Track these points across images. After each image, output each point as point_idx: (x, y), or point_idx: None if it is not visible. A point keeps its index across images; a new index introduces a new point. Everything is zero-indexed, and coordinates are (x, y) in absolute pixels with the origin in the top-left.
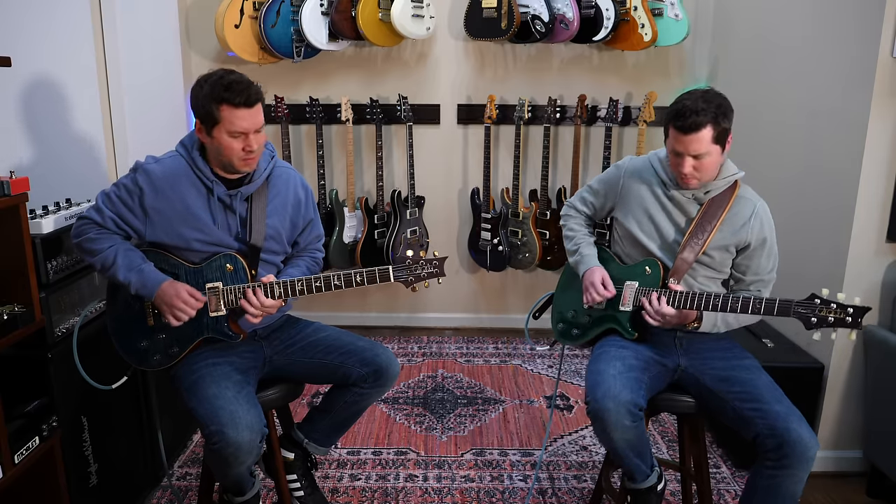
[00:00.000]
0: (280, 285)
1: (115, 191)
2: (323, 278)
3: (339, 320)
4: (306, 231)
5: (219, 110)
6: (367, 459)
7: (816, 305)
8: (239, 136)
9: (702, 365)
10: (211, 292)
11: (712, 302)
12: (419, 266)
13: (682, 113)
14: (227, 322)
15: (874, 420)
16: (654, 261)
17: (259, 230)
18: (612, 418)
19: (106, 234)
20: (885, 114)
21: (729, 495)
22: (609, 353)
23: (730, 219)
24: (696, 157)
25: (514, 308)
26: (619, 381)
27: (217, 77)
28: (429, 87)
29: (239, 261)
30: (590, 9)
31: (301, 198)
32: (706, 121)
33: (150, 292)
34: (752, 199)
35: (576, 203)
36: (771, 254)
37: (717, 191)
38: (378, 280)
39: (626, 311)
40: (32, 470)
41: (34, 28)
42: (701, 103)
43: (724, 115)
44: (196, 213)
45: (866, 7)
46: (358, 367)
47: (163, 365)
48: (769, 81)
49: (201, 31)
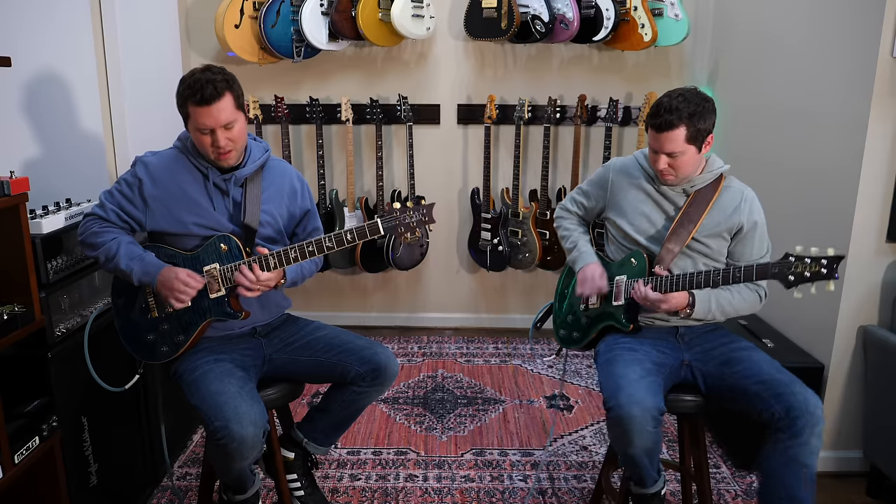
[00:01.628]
0: (274, 256)
1: (116, 186)
2: (315, 242)
3: (339, 320)
4: (304, 221)
5: (186, 107)
6: (367, 459)
7: (792, 263)
8: (206, 132)
9: (704, 355)
10: (209, 274)
11: (694, 280)
12: (407, 215)
13: (657, 111)
14: (227, 301)
15: (874, 420)
16: (638, 251)
17: (253, 212)
18: (637, 424)
19: (109, 227)
20: (885, 114)
21: (729, 495)
22: (623, 356)
23: (718, 206)
24: (670, 155)
25: (514, 308)
26: (642, 386)
27: (188, 75)
28: (429, 87)
29: (232, 240)
30: (590, 9)
31: (297, 188)
32: (679, 121)
33: (153, 278)
34: (739, 187)
35: (567, 205)
36: (763, 238)
37: (702, 184)
38: (368, 234)
39: (620, 304)
40: (32, 470)
41: (34, 28)
42: (677, 102)
43: (701, 117)
44: (193, 198)
45: (866, 7)
46: (356, 366)
47: (171, 356)
48: (769, 81)
49: (201, 31)
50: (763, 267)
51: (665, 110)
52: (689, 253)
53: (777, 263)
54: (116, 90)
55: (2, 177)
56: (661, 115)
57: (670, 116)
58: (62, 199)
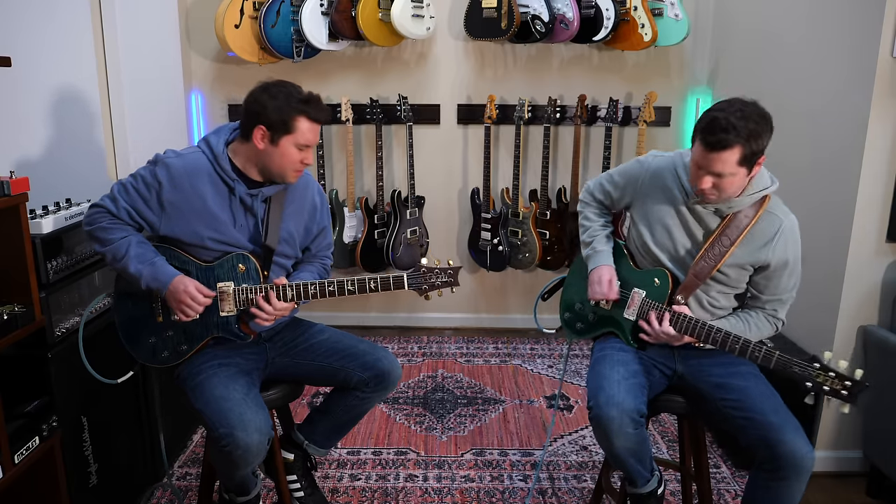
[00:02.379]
0: (293, 288)
1: (132, 182)
2: (336, 283)
3: (339, 320)
4: (319, 238)
5: (295, 121)
6: (367, 459)
7: (815, 370)
8: (304, 149)
9: (699, 372)
10: (222, 292)
11: (712, 336)
12: (434, 274)
13: (712, 127)
14: (237, 323)
15: (874, 420)
16: (664, 272)
17: (274, 232)
18: (615, 426)
19: (119, 224)
20: (885, 114)
21: (729, 495)
22: (612, 357)
23: (752, 236)
24: (718, 175)
25: (514, 308)
26: (623, 388)
27: (292, 88)
28: (429, 87)
29: (251, 261)
30: (590, 9)
31: (317, 204)
32: (736, 142)
33: (163, 286)
34: (781, 215)
35: (594, 191)
36: (793, 273)
37: (740, 207)
38: (392, 287)
39: (630, 319)
40: (32, 470)
41: (34, 28)
42: (735, 120)
43: (758, 137)
44: (213, 212)
45: (866, 7)
46: (359, 371)
47: (171, 362)
48: (769, 81)
49: (201, 31)
50: (784, 361)
51: (721, 129)
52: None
53: (800, 364)
54: (116, 90)
55: (2, 177)
56: (716, 133)
57: (727, 136)
58: (62, 199)
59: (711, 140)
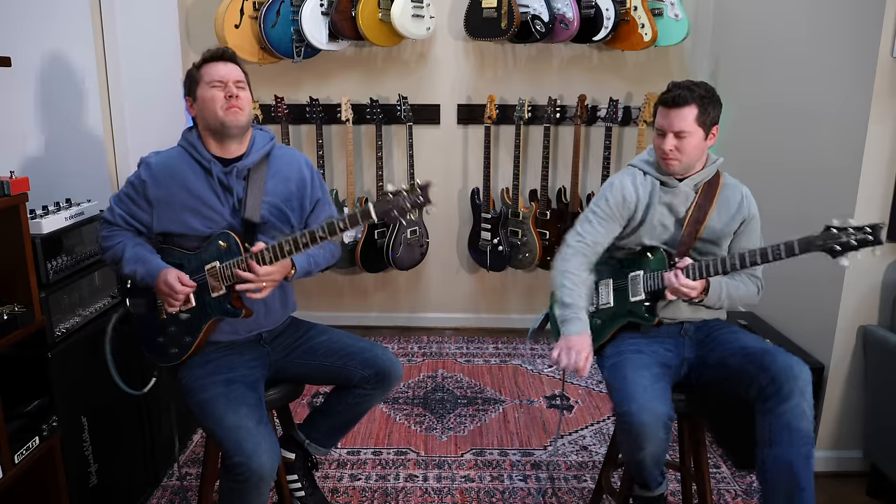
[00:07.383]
0: (269, 249)
1: (123, 189)
2: (308, 233)
3: (339, 320)
4: (316, 211)
5: (199, 71)
6: (367, 459)
7: (836, 234)
8: (219, 86)
9: (702, 348)
10: (210, 273)
11: (729, 262)
12: (401, 197)
13: (669, 89)
14: (229, 300)
15: (874, 420)
16: (654, 247)
17: (255, 206)
18: (649, 432)
19: (117, 230)
20: (885, 114)
21: (729, 495)
22: (631, 359)
23: (722, 203)
24: (678, 135)
25: (514, 308)
26: (652, 393)
27: None
28: (429, 87)
29: (231, 237)
30: (590, 9)
31: (306, 176)
32: (691, 99)
33: (153, 280)
34: (737, 184)
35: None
36: (758, 229)
37: (706, 178)
38: (360, 219)
39: (639, 299)
40: (32, 470)
41: (34, 28)
42: (689, 84)
43: (711, 102)
44: (198, 195)
45: (866, 7)
46: (360, 370)
47: (181, 357)
48: (769, 81)
49: (201, 31)
50: (806, 240)
51: (678, 88)
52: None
53: (821, 236)
54: (116, 90)
55: (2, 177)
56: (673, 91)
57: (683, 93)
58: (62, 199)
59: (669, 98)
